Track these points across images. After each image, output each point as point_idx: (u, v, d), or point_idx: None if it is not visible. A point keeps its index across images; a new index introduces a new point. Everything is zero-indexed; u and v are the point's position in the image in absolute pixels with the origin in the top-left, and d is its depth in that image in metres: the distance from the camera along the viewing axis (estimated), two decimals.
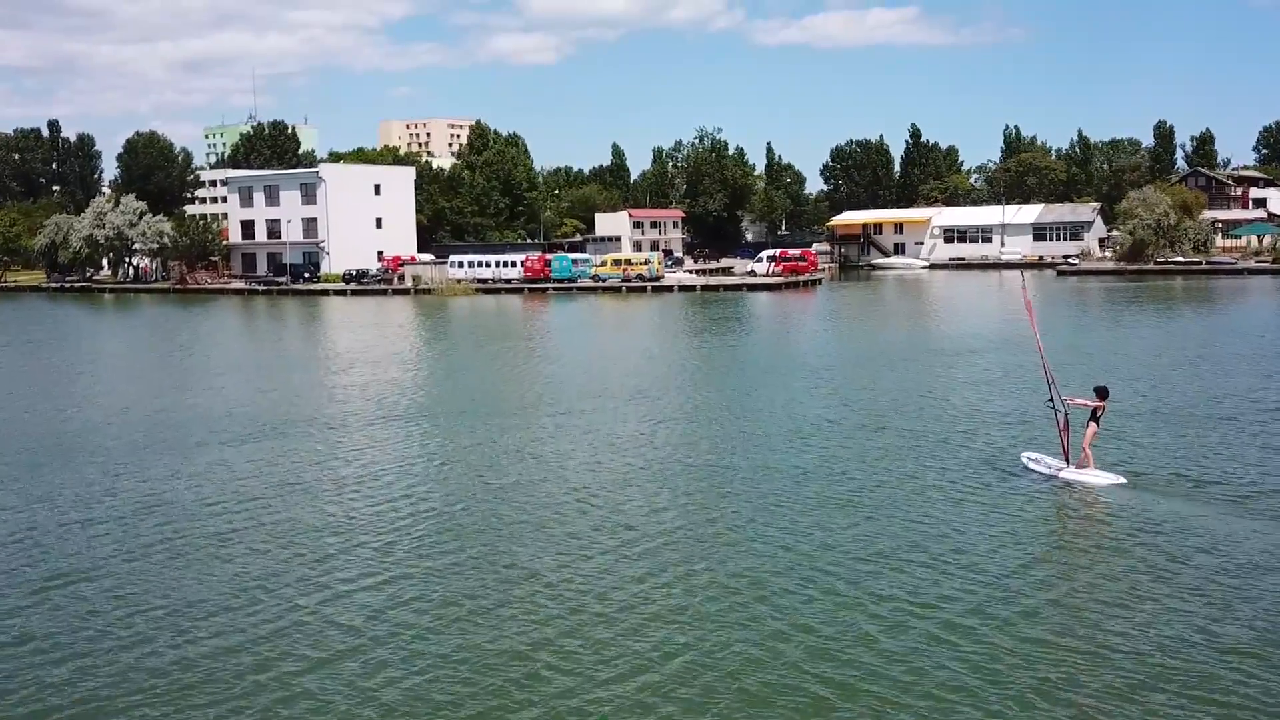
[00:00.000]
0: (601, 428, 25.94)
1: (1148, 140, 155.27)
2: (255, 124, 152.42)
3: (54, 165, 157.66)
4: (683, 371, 36.60)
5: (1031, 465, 20.42)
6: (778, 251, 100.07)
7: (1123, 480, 19.14)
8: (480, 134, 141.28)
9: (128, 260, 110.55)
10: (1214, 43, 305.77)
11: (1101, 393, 19.83)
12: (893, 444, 23.26)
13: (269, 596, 14.57)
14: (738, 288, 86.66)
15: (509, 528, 17.70)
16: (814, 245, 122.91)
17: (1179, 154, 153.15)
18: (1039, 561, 15.59)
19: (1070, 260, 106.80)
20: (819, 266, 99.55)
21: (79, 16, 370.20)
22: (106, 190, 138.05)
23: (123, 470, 22.29)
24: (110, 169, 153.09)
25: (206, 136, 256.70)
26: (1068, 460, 19.88)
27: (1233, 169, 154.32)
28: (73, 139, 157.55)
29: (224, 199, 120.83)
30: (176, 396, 32.97)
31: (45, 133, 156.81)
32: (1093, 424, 19.57)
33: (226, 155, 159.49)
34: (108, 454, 23.97)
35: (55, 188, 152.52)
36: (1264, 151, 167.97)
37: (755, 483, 20.14)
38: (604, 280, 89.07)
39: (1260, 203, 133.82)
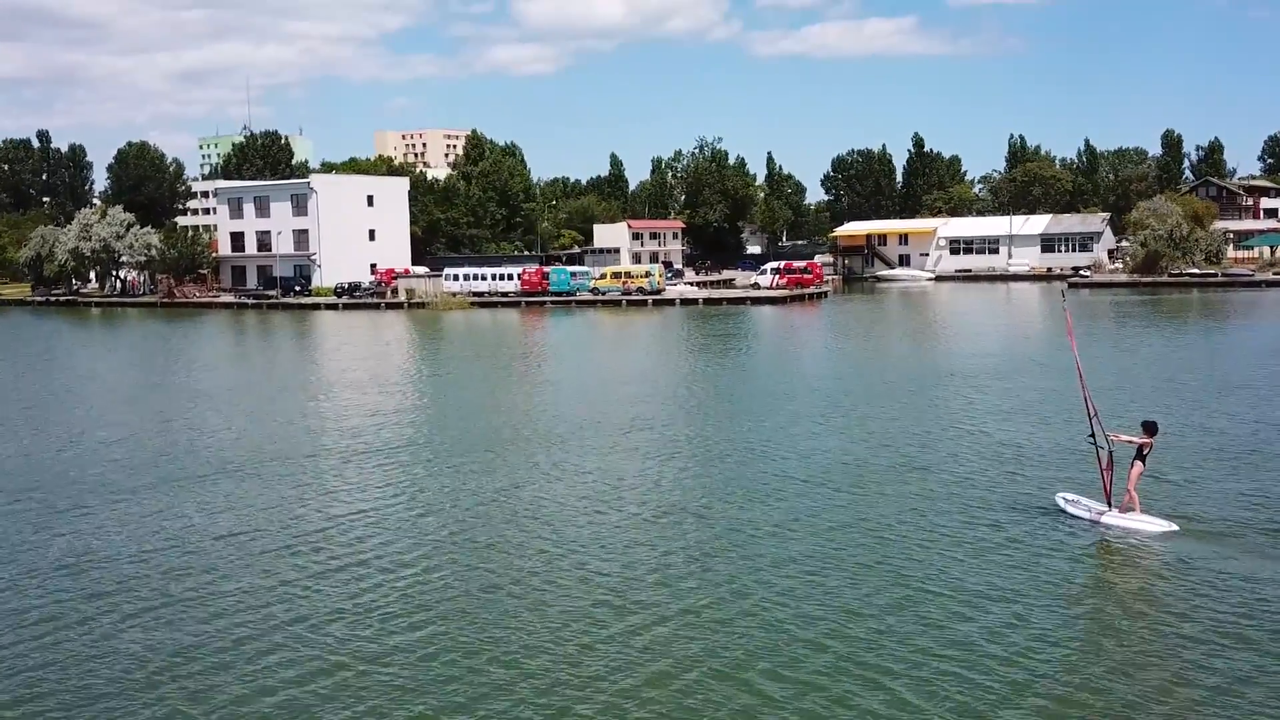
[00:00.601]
0: (596, 469, 23.21)
1: (1153, 150, 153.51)
2: (248, 134, 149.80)
3: (44, 176, 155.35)
4: (686, 400, 33.79)
5: (1068, 508, 18.19)
6: (782, 264, 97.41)
7: (1174, 527, 16.97)
8: (476, 144, 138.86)
9: (114, 273, 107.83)
10: (1216, 53, 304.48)
11: (1150, 428, 17.68)
12: (914, 487, 20.67)
13: (235, 658, 12.25)
14: (741, 301, 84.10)
15: (489, 596, 15.03)
16: (816, 256, 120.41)
17: (1184, 163, 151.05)
18: (1078, 624, 13.64)
19: (1082, 272, 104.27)
20: (824, 279, 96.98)
21: (77, 28, 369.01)
22: (97, 202, 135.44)
23: (68, 515, 19.63)
24: (102, 180, 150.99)
25: (201, 147, 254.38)
26: (1109, 503, 17.71)
27: (1238, 179, 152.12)
28: (63, 150, 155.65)
29: (214, 210, 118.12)
30: (146, 428, 30.26)
31: (35, 144, 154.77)
32: (1139, 462, 17.48)
33: (219, 166, 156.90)
34: (66, 493, 21.30)
35: (45, 199, 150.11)
36: (1269, 161, 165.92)
37: (769, 535, 17.61)
38: (603, 293, 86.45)
39: (1271, 213, 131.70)
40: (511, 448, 25.56)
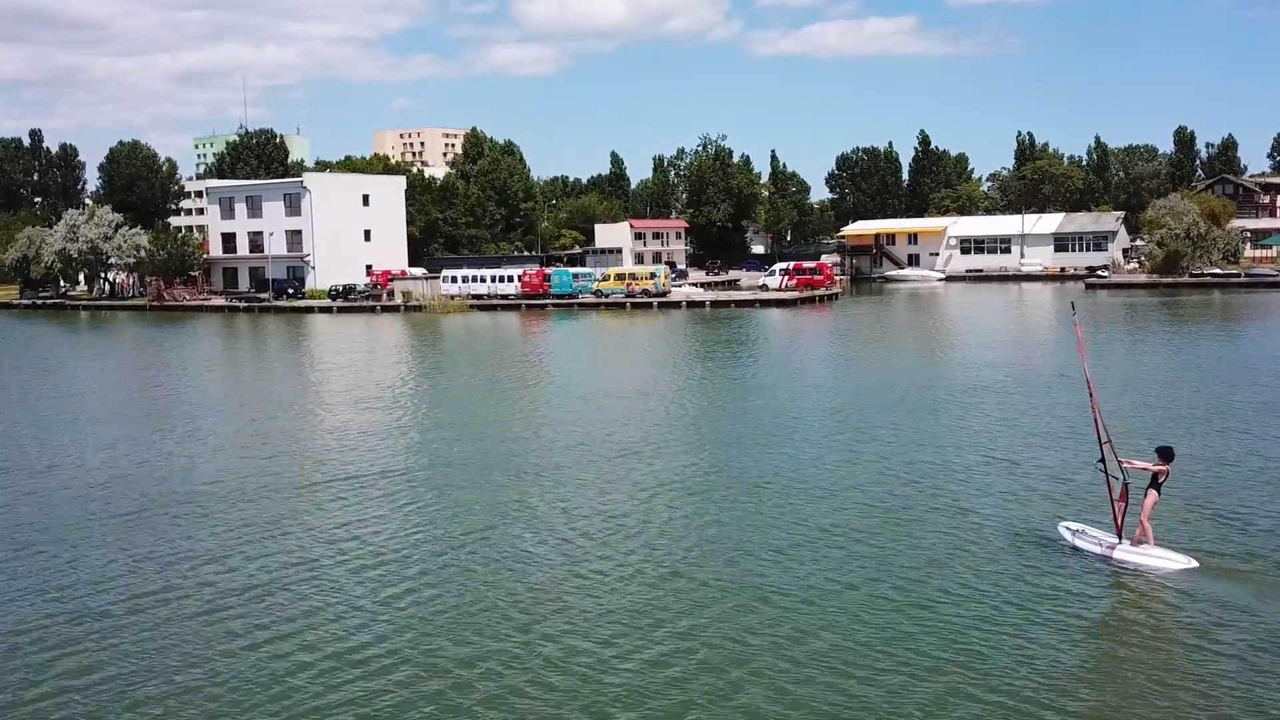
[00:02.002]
0: (590, 505, 20.45)
1: (1164, 147, 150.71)
2: (243, 133, 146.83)
3: (35, 176, 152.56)
4: (693, 418, 30.97)
5: (1074, 540, 16.65)
6: (791, 264, 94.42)
7: (1194, 563, 15.41)
8: (475, 142, 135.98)
9: (103, 275, 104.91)
10: (1221, 52, 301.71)
11: (1165, 454, 16.12)
12: (915, 514, 18.95)
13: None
14: (749, 303, 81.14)
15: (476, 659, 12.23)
16: (822, 256, 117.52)
17: (1196, 161, 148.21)
18: (1085, 674, 12.29)
19: (1099, 272, 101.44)
20: (834, 280, 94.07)
21: (77, 29, 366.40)
22: (88, 202, 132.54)
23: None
24: (94, 180, 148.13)
25: (196, 147, 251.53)
26: (1120, 535, 16.12)
27: (1249, 176, 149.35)
28: (55, 149, 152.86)
29: (206, 210, 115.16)
30: (115, 455, 27.47)
31: (27, 143, 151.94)
32: (1153, 491, 15.96)
33: (213, 166, 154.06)
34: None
35: (37, 199, 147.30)
36: (1279, 159, 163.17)
37: (756, 567, 16.09)
38: (606, 296, 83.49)
39: None
40: (499, 478, 22.73)
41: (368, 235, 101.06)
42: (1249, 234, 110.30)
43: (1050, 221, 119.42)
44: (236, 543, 18.34)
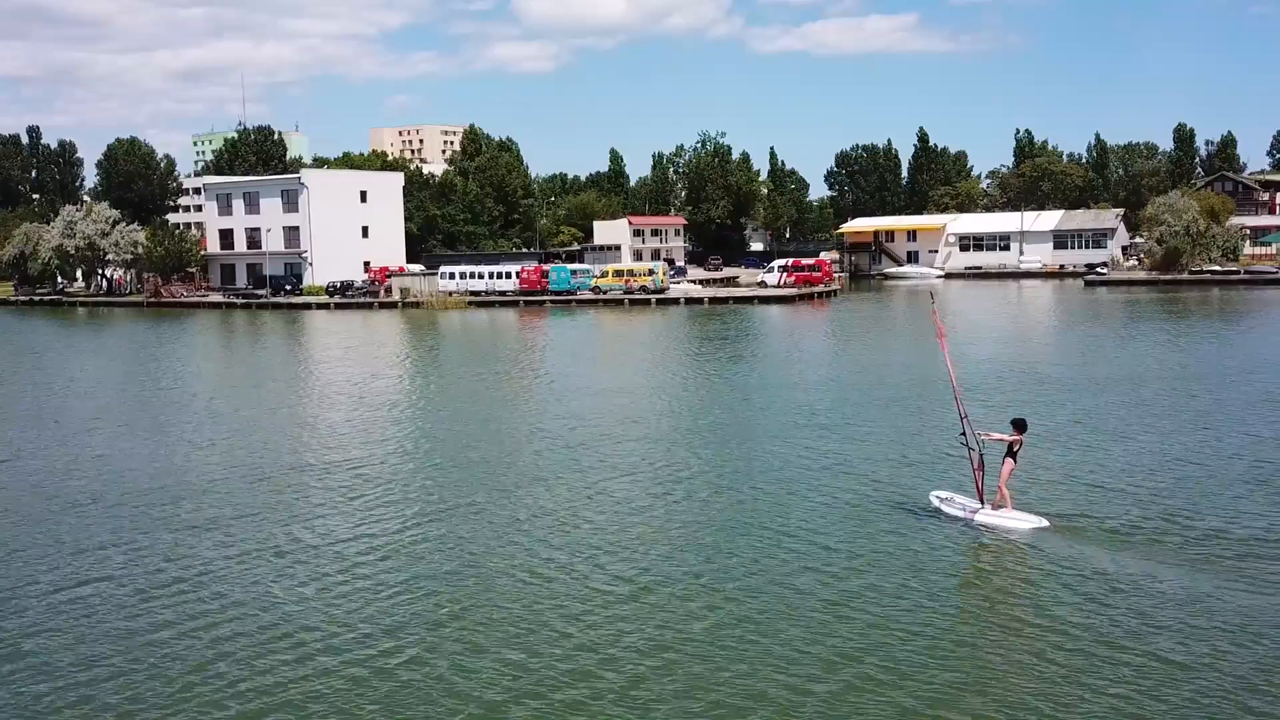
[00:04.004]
0: (578, 518, 20.28)
1: (1163, 144, 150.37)
2: (241, 129, 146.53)
3: (33, 173, 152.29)
4: (686, 422, 30.89)
5: (943, 506, 18.37)
6: (789, 261, 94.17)
7: (1045, 523, 17.17)
8: (474, 139, 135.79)
9: (100, 272, 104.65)
10: (1222, 48, 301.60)
11: (1019, 425, 17.89)
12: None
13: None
14: (748, 300, 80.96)
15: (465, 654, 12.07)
16: (821, 253, 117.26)
17: (1195, 158, 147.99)
18: (941, 622, 13.66)
19: (1099, 270, 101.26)
20: (833, 277, 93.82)
21: (77, 26, 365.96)
22: (86, 199, 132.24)
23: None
24: (92, 177, 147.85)
25: (194, 144, 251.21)
26: (981, 500, 17.86)
27: (1248, 174, 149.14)
28: (54, 146, 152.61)
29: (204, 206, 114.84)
30: (106, 454, 27.30)
31: (25, 140, 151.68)
32: (1010, 460, 17.71)
33: (210, 162, 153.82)
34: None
35: (35, 196, 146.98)
36: (1278, 156, 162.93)
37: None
38: (605, 292, 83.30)
39: None
40: (489, 487, 22.57)
41: (365, 232, 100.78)
42: (1248, 231, 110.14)
43: (1049, 219, 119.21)
44: (227, 538, 18.17)
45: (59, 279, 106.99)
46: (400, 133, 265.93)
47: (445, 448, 25.50)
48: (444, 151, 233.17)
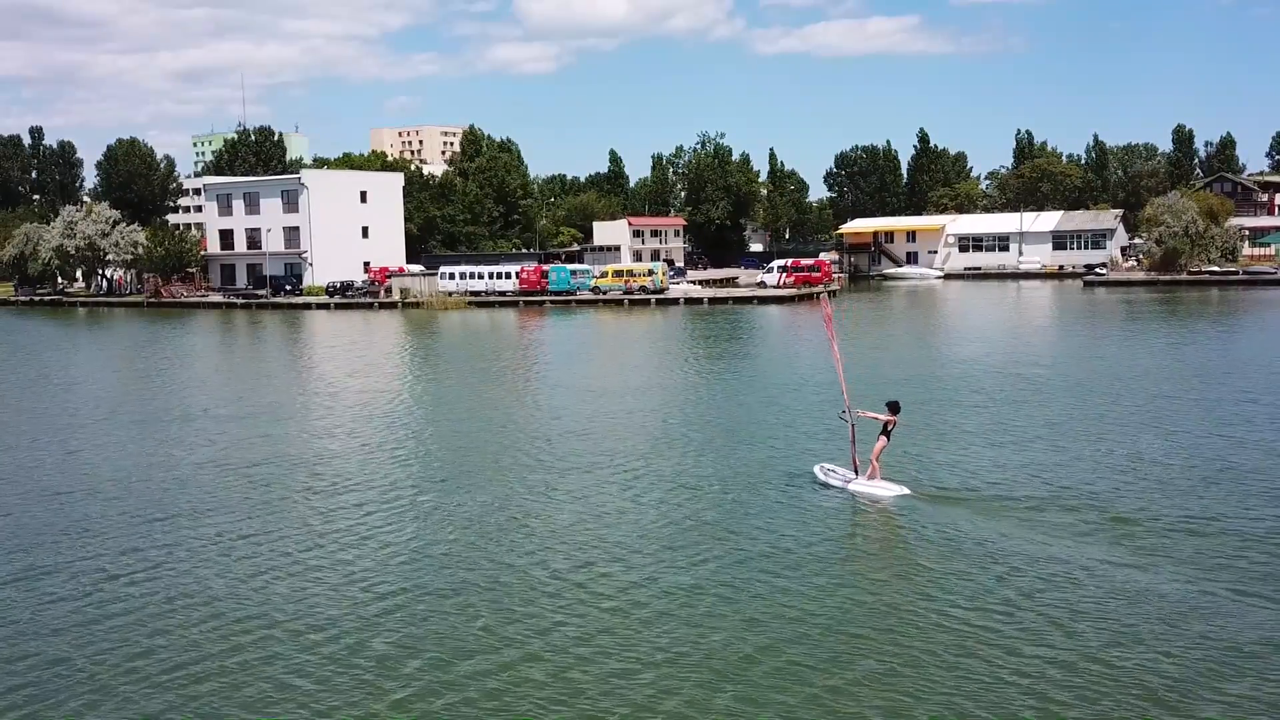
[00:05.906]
0: (575, 528, 20.40)
1: (1162, 146, 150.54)
2: (241, 130, 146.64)
3: (33, 174, 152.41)
4: (676, 423, 31.01)
5: (825, 477, 20.78)
6: (789, 261, 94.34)
7: (905, 490, 19.57)
8: (473, 139, 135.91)
9: (100, 272, 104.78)
10: (1220, 50, 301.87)
11: (893, 407, 20.15)
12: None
13: None
14: (747, 300, 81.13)
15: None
16: (821, 254, 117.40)
17: (1195, 159, 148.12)
18: (815, 579, 15.34)
19: (1097, 270, 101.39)
20: (833, 277, 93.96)
21: (78, 27, 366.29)
22: (86, 199, 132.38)
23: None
24: (92, 178, 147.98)
25: (194, 145, 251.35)
26: (857, 472, 20.29)
27: (1247, 175, 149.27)
28: (53, 146, 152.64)
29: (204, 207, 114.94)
30: (103, 457, 27.40)
31: (27, 140, 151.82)
32: (883, 438, 19.95)
33: (210, 163, 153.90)
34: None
35: (36, 196, 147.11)
36: (1278, 158, 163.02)
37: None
38: (604, 292, 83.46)
39: None
40: (491, 474, 22.69)
41: (365, 232, 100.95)
42: (1247, 232, 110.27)
43: (1049, 219, 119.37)
44: (225, 539, 18.29)
45: (59, 279, 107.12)
46: (400, 133, 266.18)
47: (444, 447, 25.60)
48: (444, 152, 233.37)
